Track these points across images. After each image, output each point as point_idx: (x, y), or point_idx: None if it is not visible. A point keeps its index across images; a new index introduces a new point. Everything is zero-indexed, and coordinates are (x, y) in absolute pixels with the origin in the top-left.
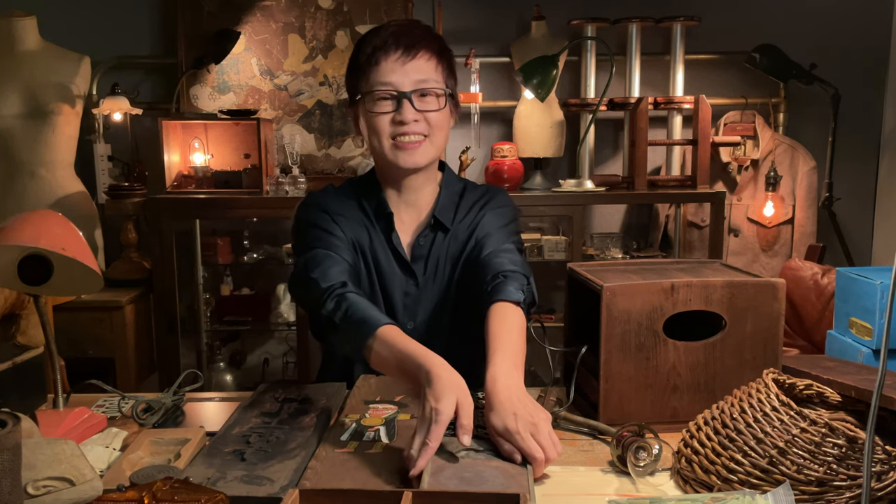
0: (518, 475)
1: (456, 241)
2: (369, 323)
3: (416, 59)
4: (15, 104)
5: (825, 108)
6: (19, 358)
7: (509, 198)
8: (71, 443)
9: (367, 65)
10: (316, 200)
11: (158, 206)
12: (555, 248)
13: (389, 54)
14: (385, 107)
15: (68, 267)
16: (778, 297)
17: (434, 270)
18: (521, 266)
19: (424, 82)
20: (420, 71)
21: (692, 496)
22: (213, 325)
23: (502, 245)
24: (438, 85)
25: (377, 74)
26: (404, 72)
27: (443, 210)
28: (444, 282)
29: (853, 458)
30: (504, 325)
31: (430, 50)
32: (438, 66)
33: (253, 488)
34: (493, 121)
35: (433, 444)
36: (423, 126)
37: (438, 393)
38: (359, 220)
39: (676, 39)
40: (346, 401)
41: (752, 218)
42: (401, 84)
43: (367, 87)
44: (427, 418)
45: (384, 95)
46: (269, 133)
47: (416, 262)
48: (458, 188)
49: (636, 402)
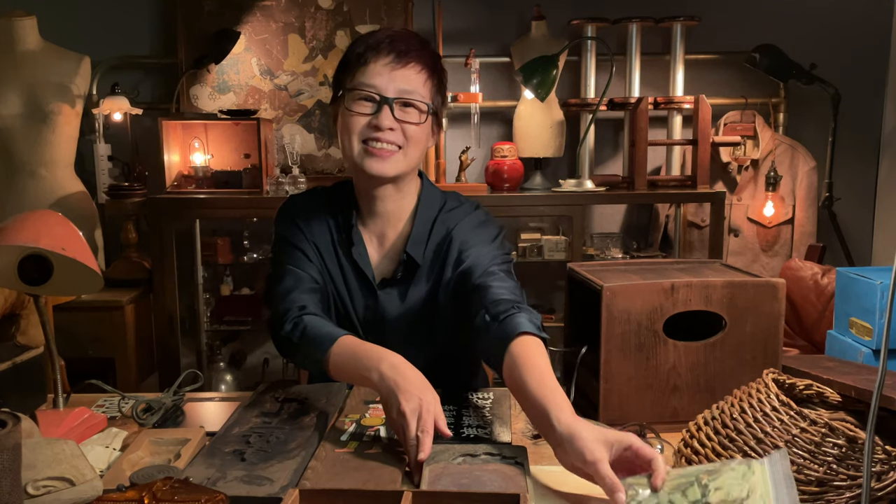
0: (516, 477)
1: (429, 273)
2: (327, 337)
3: (406, 67)
4: (15, 104)
5: (825, 108)
6: (19, 358)
7: (487, 213)
8: (71, 443)
9: (355, 63)
10: (290, 210)
11: (158, 206)
12: (555, 248)
13: (380, 57)
14: (364, 107)
15: (68, 267)
16: (778, 297)
17: (402, 294)
18: (520, 293)
19: (409, 93)
20: (408, 80)
21: (686, 470)
22: (213, 325)
23: (493, 267)
24: (423, 99)
25: (363, 74)
26: (391, 77)
27: (414, 244)
28: (414, 303)
29: (853, 458)
30: (548, 367)
31: (422, 62)
32: (428, 81)
33: (253, 488)
34: (493, 121)
35: (429, 429)
36: (398, 136)
37: (406, 388)
38: (326, 230)
39: (676, 39)
40: (346, 401)
41: (752, 218)
42: (385, 89)
43: (351, 85)
44: (411, 412)
45: (365, 96)
46: (269, 133)
47: (383, 284)
48: (432, 212)
49: (636, 402)
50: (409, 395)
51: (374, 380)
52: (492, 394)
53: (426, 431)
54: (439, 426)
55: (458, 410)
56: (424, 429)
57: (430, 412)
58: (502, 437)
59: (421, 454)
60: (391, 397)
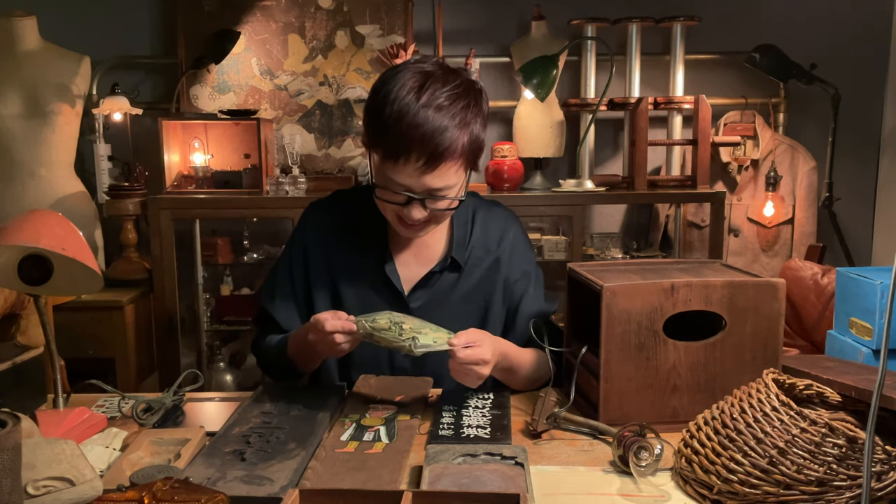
0: (516, 477)
1: (469, 278)
2: (282, 341)
3: (437, 169)
4: (15, 104)
5: (825, 108)
6: (19, 358)
7: (521, 224)
8: (71, 443)
9: (384, 151)
10: (309, 219)
11: (158, 206)
12: (555, 248)
13: (410, 161)
14: (395, 198)
15: (68, 267)
16: (778, 297)
17: (436, 303)
18: (551, 327)
19: (441, 190)
20: (439, 179)
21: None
22: (213, 325)
23: (538, 307)
24: (455, 190)
25: (393, 172)
26: (422, 183)
27: (458, 247)
28: (449, 311)
29: (853, 458)
30: (533, 353)
31: (453, 157)
32: (460, 169)
33: (253, 488)
34: (493, 121)
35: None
36: (430, 215)
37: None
38: (348, 244)
39: (676, 39)
40: (346, 401)
41: (752, 218)
42: (415, 189)
43: (381, 180)
44: (316, 321)
45: (395, 190)
46: (269, 133)
47: (414, 293)
48: (468, 214)
49: (636, 402)
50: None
51: (305, 340)
52: (492, 394)
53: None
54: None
55: (458, 410)
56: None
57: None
58: (502, 437)
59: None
60: (308, 330)
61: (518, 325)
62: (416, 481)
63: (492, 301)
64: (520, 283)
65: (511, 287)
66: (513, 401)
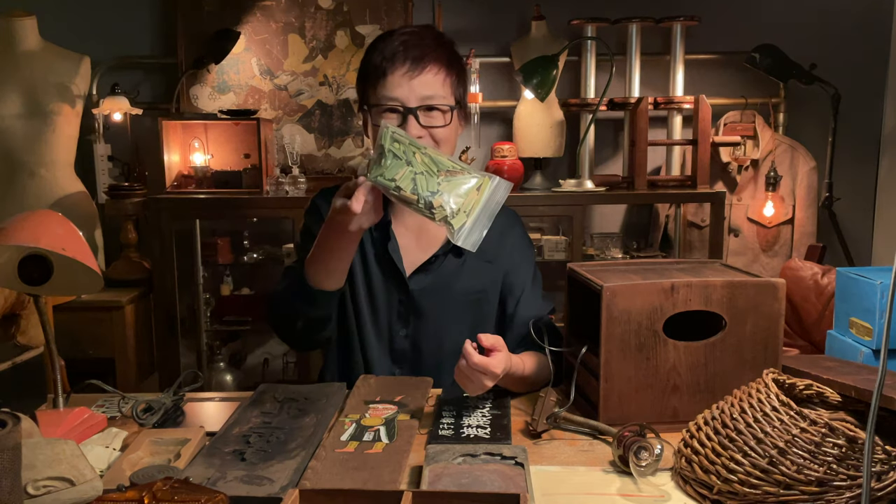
0: (516, 477)
1: (470, 268)
2: (298, 263)
3: (423, 73)
4: (15, 104)
5: (825, 108)
6: (19, 358)
7: (523, 225)
8: (71, 443)
9: (374, 76)
10: (321, 199)
11: (158, 206)
12: (555, 248)
13: (396, 67)
14: (391, 119)
15: (68, 267)
16: (778, 297)
17: (436, 288)
18: (551, 329)
19: (430, 98)
20: (427, 86)
21: (438, 161)
22: (213, 325)
23: (536, 309)
24: (445, 101)
25: (383, 88)
26: (410, 87)
27: None
28: (449, 299)
29: (853, 458)
30: (535, 357)
31: (438, 63)
32: (446, 80)
33: (253, 488)
34: (493, 121)
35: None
36: (427, 141)
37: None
38: None
39: (676, 39)
40: (346, 401)
41: (752, 218)
42: (407, 99)
43: (374, 100)
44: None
45: (389, 108)
46: (269, 133)
47: (416, 276)
48: None
49: (636, 402)
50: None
51: (325, 230)
52: (492, 394)
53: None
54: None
55: (458, 410)
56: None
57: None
58: (502, 437)
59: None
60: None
61: (515, 325)
62: (416, 481)
63: (490, 294)
64: (519, 281)
65: (510, 284)
66: (513, 401)
